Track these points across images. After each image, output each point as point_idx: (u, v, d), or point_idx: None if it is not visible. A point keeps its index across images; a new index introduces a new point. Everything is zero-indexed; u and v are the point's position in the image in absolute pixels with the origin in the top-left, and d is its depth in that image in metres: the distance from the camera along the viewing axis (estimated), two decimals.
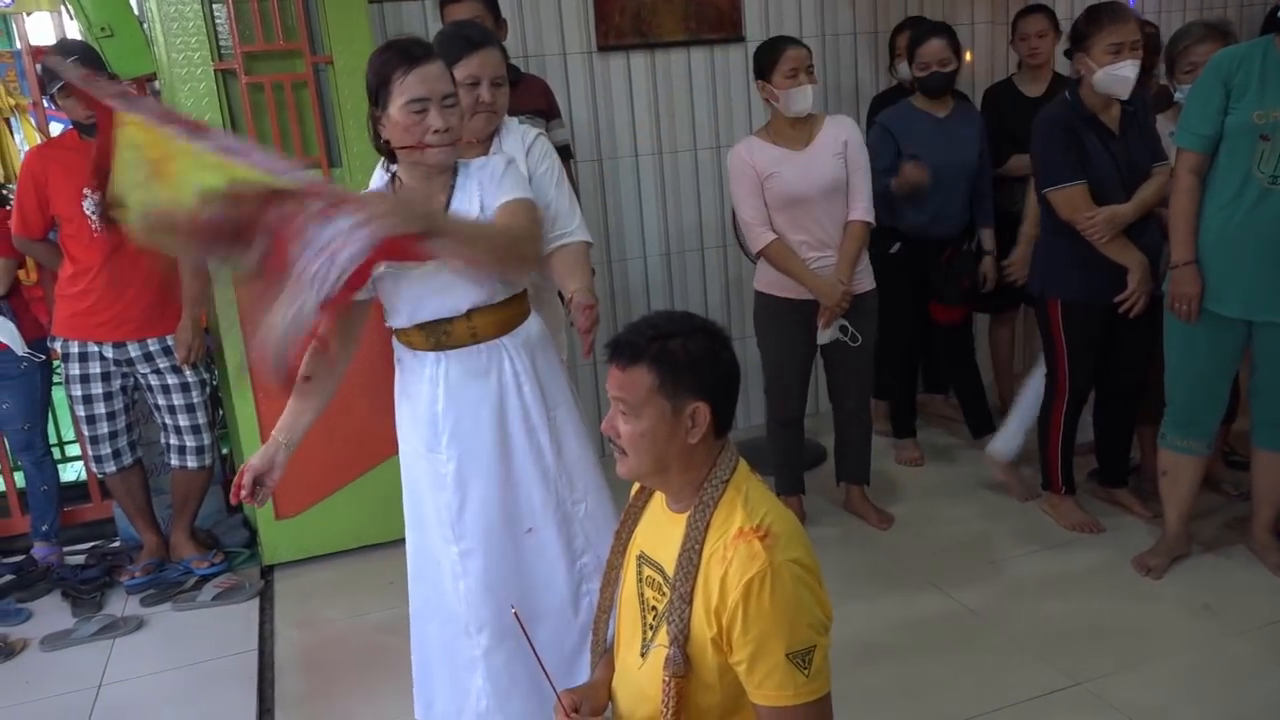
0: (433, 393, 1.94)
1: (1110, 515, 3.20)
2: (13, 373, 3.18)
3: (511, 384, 1.96)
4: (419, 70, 1.79)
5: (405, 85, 1.79)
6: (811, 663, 1.34)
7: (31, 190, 3.00)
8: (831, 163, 3.00)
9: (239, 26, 2.95)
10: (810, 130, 3.03)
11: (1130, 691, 2.35)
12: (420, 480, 2.02)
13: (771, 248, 3.02)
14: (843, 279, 3.02)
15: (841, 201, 3.04)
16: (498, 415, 1.95)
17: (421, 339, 1.93)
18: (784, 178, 2.98)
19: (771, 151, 3.01)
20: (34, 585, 3.20)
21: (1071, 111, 2.88)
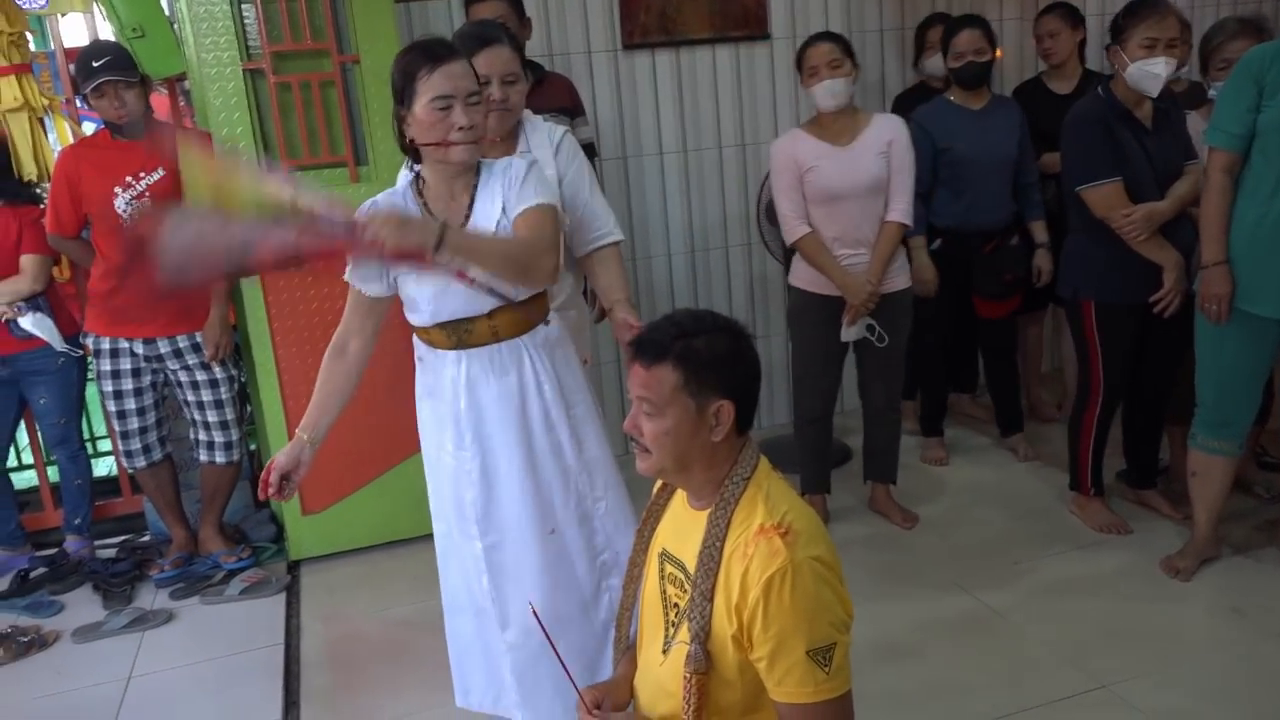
0: (455, 391, 1.96)
1: (1139, 517, 3.16)
2: (50, 368, 3.23)
3: (532, 382, 1.97)
4: (443, 68, 1.81)
5: (430, 83, 1.80)
6: (832, 660, 1.34)
7: (65, 189, 3.04)
8: (873, 161, 2.99)
9: (267, 26, 2.98)
10: (855, 127, 3.02)
11: (1157, 695, 2.33)
12: (444, 477, 2.04)
13: (804, 241, 3.03)
14: (871, 279, 3.01)
15: (880, 201, 3.02)
16: (519, 413, 1.96)
17: (443, 337, 1.95)
18: (823, 172, 2.98)
19: (814, 145, 3.01)
20: (66, 578, 3.25)
21: (1105, 107, 2.84)
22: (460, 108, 1.81)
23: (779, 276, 3.84)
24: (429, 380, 2.02)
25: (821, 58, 2.95)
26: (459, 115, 1.81)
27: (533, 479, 1.98)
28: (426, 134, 1.82)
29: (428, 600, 2.89)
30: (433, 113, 1.80)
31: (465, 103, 1.81)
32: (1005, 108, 3.43)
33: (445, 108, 1.80)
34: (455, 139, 1.82)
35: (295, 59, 3.04)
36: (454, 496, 2.02)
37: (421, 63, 1.81)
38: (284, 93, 3.04)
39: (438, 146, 1.83)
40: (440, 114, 1.80)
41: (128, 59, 3.00)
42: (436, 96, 1.80)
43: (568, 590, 2.02)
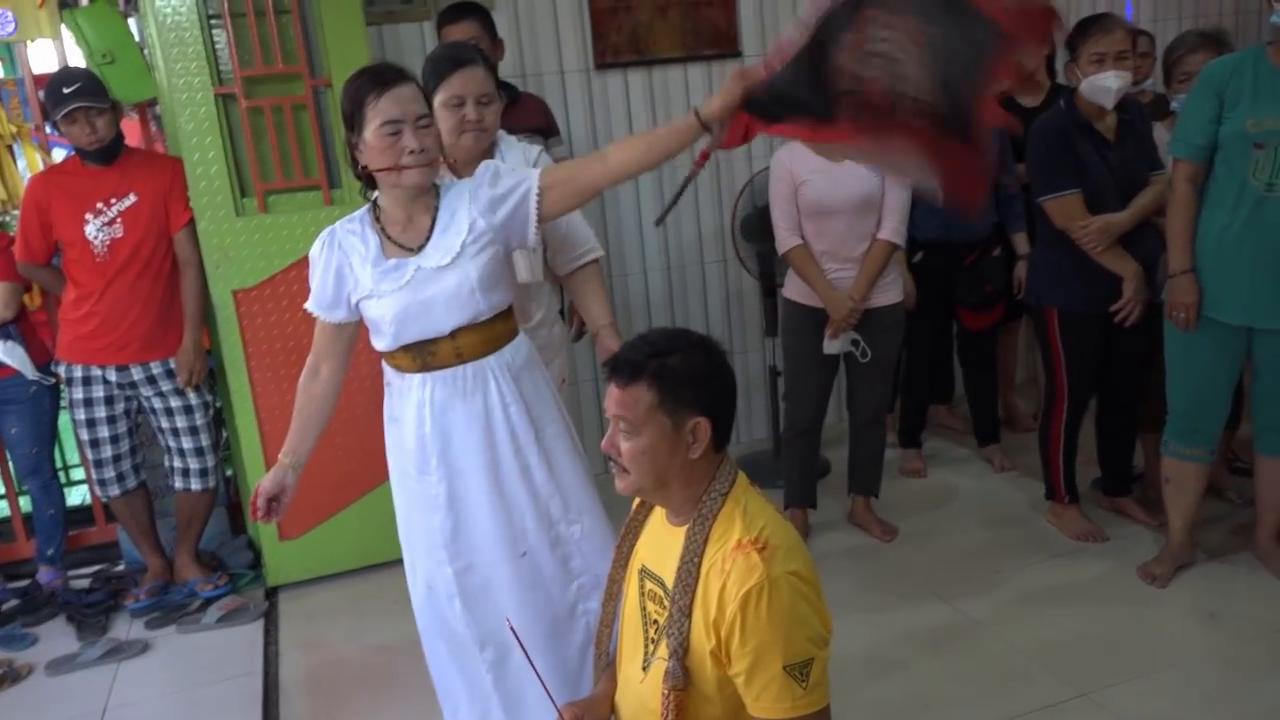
0: (420, 415, 1.94)
1: (1115, 524, 3.19)
2: (21, 396, 3.19)
3: (498, 404, 1.95)
4: (391, 93, 1.81)
5: (379, 108, 1.80)
6: (810, 675, 1.34)
7: (35, 216, 3.02)
8: (865, 178, 3.01)
9: (239, 51, 2.98)
10: None
11: (1136, 701, 2.34)
12: (412, 503, 2.02)
13: (793, 252, 3.07)
14: (854, 295, 3.03)
15: (871, 219, 3.05)
16: (485, 435, 1.94)
17: (408, 360, 1.93)
18: (816, 186, 3.01)
19: (810, 160, 3.03)
20: (39, 610, 3.20)
21: (1066, 120, 2.89)
22: (410, 131, 1.81)
23: (755, 292, 3.86)
24: (394, 405, 2.01)
25: None
26: (409, 139, 1.81)
27: (501, 502, 1.96)
28: (378, 159, 1.83)
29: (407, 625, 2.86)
30: (383, 138, 1.80)
31: (415, 126, 1.82)
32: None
33: (395, 133, 1.80)
34: (407, 162, 1.82)
35: (267, 83, 3.04)
36: (422, 522, 2.00)
37: (369, 88, 1.82)
38: (256, 117, 3.03)
39: (390, 171, 1.83)
40: (390, 139, 1.81)
41: (98, 85, 2.99)
42: (386, 121, 1.80)
43: (538, 613, 2.00)
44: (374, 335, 1.96)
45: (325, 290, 1.92)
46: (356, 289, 1.90)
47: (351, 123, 1.85)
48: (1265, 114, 2.50)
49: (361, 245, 1.90)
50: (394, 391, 2.01)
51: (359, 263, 1.89)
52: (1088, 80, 2.80)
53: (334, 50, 3.04)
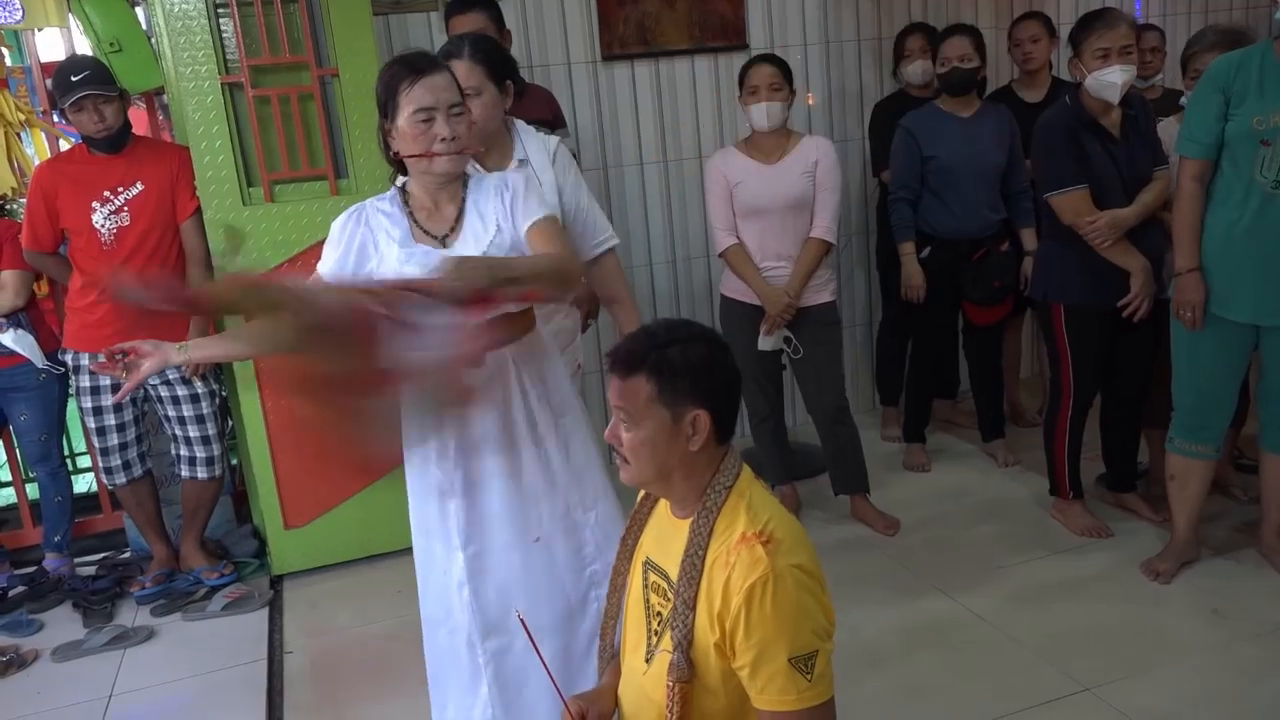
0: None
1: (1119, 520, 3.19)
2: (31, 384, 3.20)
3: (517, 392, 1.97)
4: (425, 80, 1.83)
5: (412, 96, 1.83)
6: (814, 668, 1.35)
7: (41, 204, 3.03)
8: (797, 180, 3.10)
9: (245, 40, 2.98)
10: (784, 146, 3.14)
11: (1139, 697, 2.35)
12: (428, 488, 2.02)
13: (729, 251, 3.16)
14: (789, 291, 3.11)
15: (805, 218, 3.14)
16: (504, 423, 1.96)
17: None
18: (749, 188, 3.10)
19: (743, 162, 3.14)
20: (46, 596, 3.22)
21: (1071, 116, 2.88)
22: (442, 119, 1.83)
23: None
24: None
25: (763, 79, 3.06)
26: (441, 126, 1.83)
27: (517, 488, 1.98)
28: (410, 146, 1.85)
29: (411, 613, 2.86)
30: (415, 125, 1.83)
31: (448, 114, 1.84)
32: (995, 116, 3.46)
33: (427, 119, 1.83)
34: (439, 150, 1.84)
35: (274, 72, 3.04)
36: (438, 507, 2.01)
37: (403, 76, 1.84)
38: (263, 106, 3.03)
39: (421, 158, 1.85)
40: (423, 126, 1.83)
41: (106, 73, 2.99)
42: (419, 109, 1.82)
43: (551, 600, 2.01)
44: None
45: (346, 263, 1.91)
46: (380, 267, 1.89)
47: (385, 109, 1.87)
48: (1272, 110, 2.49)
49: (390, 225, 1.91)
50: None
51: (385, 241, 1.89)
52: (1093, 75, 2.80)
53: (341, 40, 3.04)
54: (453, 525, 1.99)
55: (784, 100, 3.07)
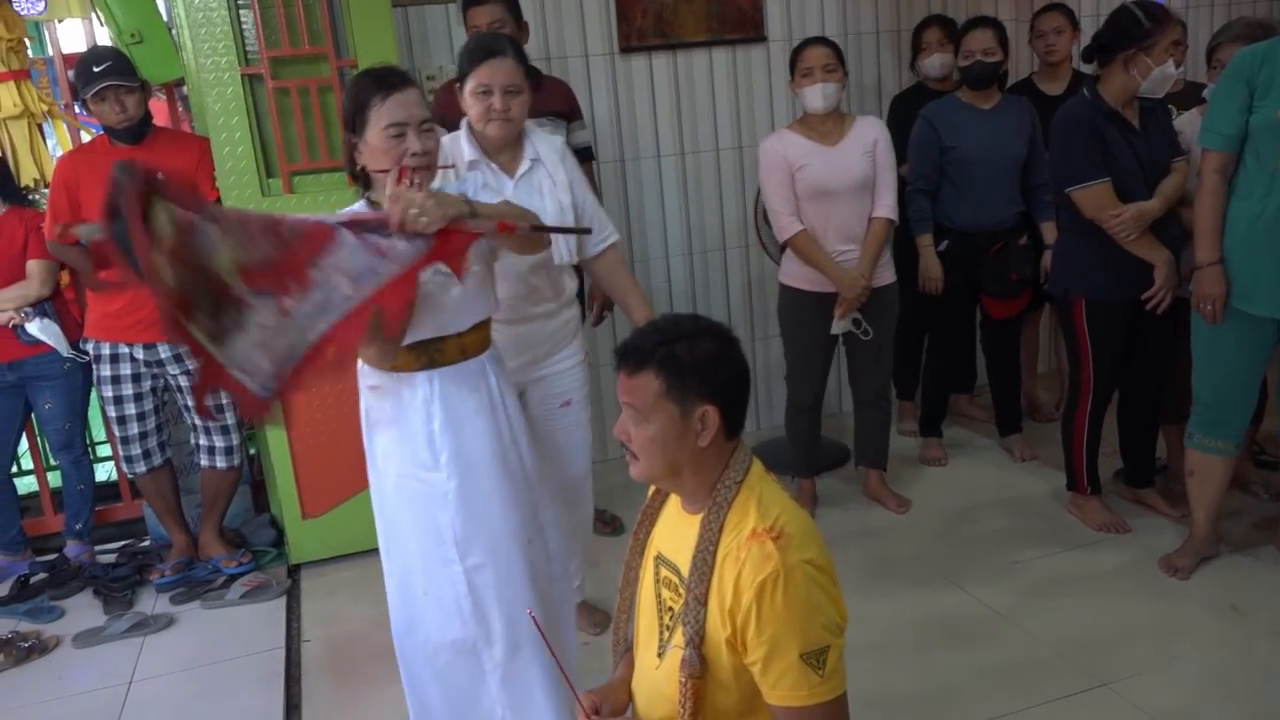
0: (427, 411, 1.92)
1: (1137, 515, 3.17)
2: (55, 373, 3.24)
3: (498, 397, 1.99)
4: (396, 96, 1.82)
5: (384, 111, 1.82)
6: (826, 663, 1.34)
7: (64, 195, 3.05)
8: (860, 160, 3.08)
9: (265, 31, 2.99)
10: (841, 128, 3.11)
11: (1156, 693, 2.34)
12: (412, 504, 1.97)
13: (798, 238, 3.10)
14: (863, 273, 3.09)
15: (867, 198, 3.11)
16: (493, 427, 1.97)
17: (410, 359, 1.91)
18: (814, 170, 3.06)
19: (804, 144, 3.09)
20: (67, 583, 3.25)
21: (1092, 108, 2.86)
22: (414, 134, 1.83)
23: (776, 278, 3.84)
24: (389, 408, 1.96)
25: (817, 61, 3.03)
26: (413, 141, 1.82)
27: (512, 493, 1.98)
28: (380, 161, 1.83)
29: None
30: (387, 140, 1.82)
31: (418, 130, 1.83)
32: (1016, 109, 3.43)
33: (399, 135, 1.82)
34: (410, 164, 1.82)
35: (293, 64, 3.05)
36: (427, 523, 1.96)
37: (374, 90, 1.83)
38: (282, 98, 3.04)
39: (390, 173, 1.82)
40: (394, 141, 1.82)
41: (128, 64, 3.01)
42: (391, 124, 1.81)
43: (546, 600, 2.03)
44: None
45: None
46: None
47: (353, 123, 1.86)
48: None
49: None
50: (384, 394, 1.95)
51: None
52: (1161, 69, 2.76)
53: (360, 32, 3.04)
54: (448, 538, 1.95)
55: (839, 81, 3.05)
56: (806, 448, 3.39)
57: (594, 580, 2.87)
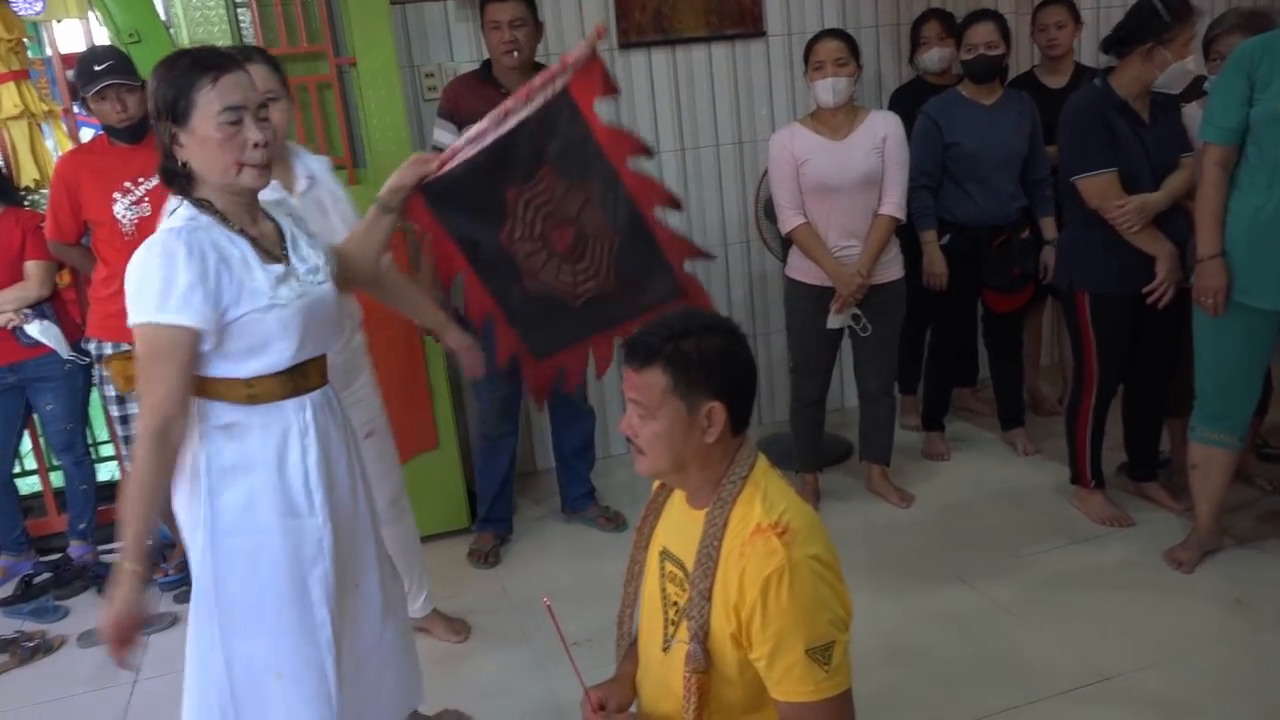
0: (301, 444, 1.69)
1: (1140, 509, 3.17)
2: (56, 374, 3.24)
3: (346, 426, 1.83)
4: (230, 78, 1.58)
5: (216, 94, 1.56)
6: (831, 658, 1.35)
7: (64, 195, 3.05)
8: (867, 156, 3.06)
9: (263, 30, 2.99)
10: (852, 122, 3.09)
11: (1160, 686, 2.34)
12: (274, 566, 1.68)
13: (799, 231, 3.10)
14: (862, 270, 3.08)
15: (873, 194, 3.10)
16: (350, 460, 1.81)
17: (277, 386, 1.67)
18: (818, 165, 3.05)
19: (810, 139, 3.08)
20: (71, 583, 3.26)
21: (1103, 98, 2.85)
22: (251, 122, 1.59)
23: (778, 274, 3.84)
24: (247, 449, 1.66)
25: (829, 54, 3.01)
26: (251, 130, 1.59)
27: (373, 530, 1.88)
28: (215, 154, 1.57)
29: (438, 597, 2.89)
30: (222, 128, 1.56)
31: (255, 116, 1.60)
32: (1017, 104, 3.42)
33: (235, 121, 1.57)
34: (251, 159, 1.59)
35: (292, 62, 3.04)
36: (292, 586, 1.69)
37: (201, 72, 1.57)
38: None
39: (232, 168, 1.59)
40: (231, 129, 1.57)
41: (128, 63, 3.00)
42: (226, 108, 1.56)
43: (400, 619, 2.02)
44: (244, 358, 1.63)
45: (207, 297, 1.56)
46: (242, 299, 1.59)
47: (174, 111, 1.57)
48: None
49: (233, 248, 1.61)
50: (235, 434, 1.66)
51: (241, 268, 1.60)
52: (1180, 63, 2.75)
53: (359, 29, 3.04)
54: (321, 593, 1.72)
55: (850, 75, 3.03)
56: (810, 442, 3.39)
57: (603, 574, 2.87)
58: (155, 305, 1.55)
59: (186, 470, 1.67)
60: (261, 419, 1.67)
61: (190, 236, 1.57)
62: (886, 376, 3.34)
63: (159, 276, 1.55)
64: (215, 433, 1.65)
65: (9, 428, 3.32)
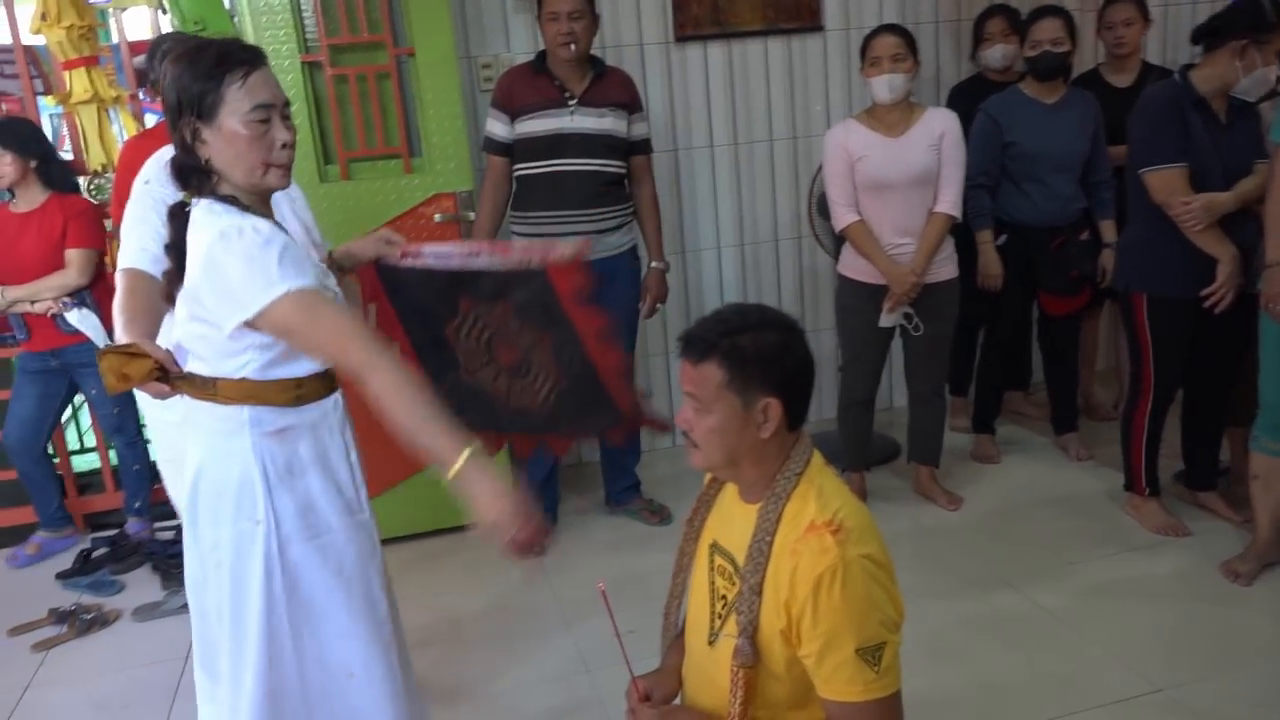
0: (342, 441, 1.70)
1: (1197, 519, 3.10)
2: (95, 361, 3.30)
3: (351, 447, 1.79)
4: (261, 73, 1.53)
5: (247, 90, 1.51)
6: (881, 660, 1.33)
7: (128, 180, 3.08)
8: (923, 153, 3.02)
9: (325, 20, 3.02)
10: (908, 119, 3.06)
11: (1214, 700, 2.29)
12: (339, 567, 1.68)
13: (852, 228, 3.08)
14: (915, 269, 3.04)
15: (929, 192, 3.06)
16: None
17: (321, 384, 1.66)
18: (873, 162, 3.02)
19: (866, 135, 3.05)
20: (126, 558, 3.34)
21: (1182, 92, 2.78)
22: (279, 121, 1.55)
23: (829, 270, 3.81)
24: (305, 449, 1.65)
25: (886, 50, 2.98)
26: (280, 130, 1.54)
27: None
28: (244, 152, 1.52)
29: (478, 584, 2.92)
30: (252, 126, 1.51)
31: (282, 116, 1.56)
32: (1080, 103, 3.35)
33: (265, 120, 1.52)
34: (279, 160, 1.55)
35: (352, 51, 3.08)
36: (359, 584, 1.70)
37: (233, 65, 1.51)
38: (340, 85, 3.08)
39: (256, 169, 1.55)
40: (261, 128, 1.52)
41: None
42: (257, 105, 1.51)
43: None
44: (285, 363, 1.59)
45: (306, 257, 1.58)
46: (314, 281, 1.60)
47: (199, 106, 1.51)
48: None
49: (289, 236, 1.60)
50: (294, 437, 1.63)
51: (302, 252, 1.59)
52: (1263, 70, 2.68)
53: (417, 20, 3.06)
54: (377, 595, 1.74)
55: (907, 71, 3.00)
56: (858, 441, 3.37)
57: (647, 566, 2.87)
58: (279, 275, 1.48)
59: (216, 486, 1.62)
60: (310, 419, 1.65)
61: (254, 220, 1.54)
62: (938, 377, 3.31)
63: (262, 252, 1.49)
64: (267, 441, 1.61)
65: (45, 406, 3.38)
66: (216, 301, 1.52)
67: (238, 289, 1.49)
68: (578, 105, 3.04)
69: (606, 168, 3.07)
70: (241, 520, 1.62)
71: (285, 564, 1.63)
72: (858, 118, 3.12)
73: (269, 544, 1.62)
